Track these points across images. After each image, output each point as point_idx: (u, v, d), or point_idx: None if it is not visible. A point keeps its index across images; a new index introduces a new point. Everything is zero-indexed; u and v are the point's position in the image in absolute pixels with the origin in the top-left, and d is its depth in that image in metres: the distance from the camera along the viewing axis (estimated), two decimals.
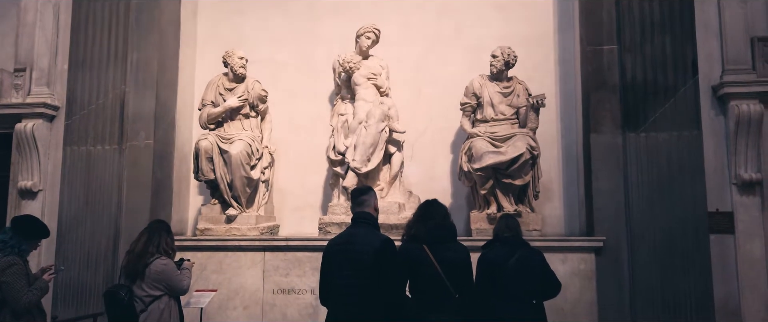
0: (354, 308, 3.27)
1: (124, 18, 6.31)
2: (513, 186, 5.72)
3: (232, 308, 5.80)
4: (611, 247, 5.52)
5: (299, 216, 6.63)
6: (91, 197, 6.06)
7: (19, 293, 3.89)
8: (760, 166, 5.68)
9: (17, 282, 3.90)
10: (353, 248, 3.37)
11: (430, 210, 3.62)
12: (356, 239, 3.43)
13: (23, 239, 4.07)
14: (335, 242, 3.56)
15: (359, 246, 3.36)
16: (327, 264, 3.50)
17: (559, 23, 6.65)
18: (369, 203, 3.60)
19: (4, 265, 3.91)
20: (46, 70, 6.64)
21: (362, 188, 3.82)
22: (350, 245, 3.40)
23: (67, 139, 6.24)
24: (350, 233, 3.52)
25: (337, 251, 3.46)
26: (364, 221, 3.52)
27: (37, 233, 4.21)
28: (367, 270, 3.27)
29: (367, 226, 3.51)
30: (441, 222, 3.57)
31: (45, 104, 6.48)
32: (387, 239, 3.42)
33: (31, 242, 4.16)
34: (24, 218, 4.38)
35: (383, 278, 3.27)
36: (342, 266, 3.38)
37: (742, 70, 5.78)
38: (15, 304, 3.90)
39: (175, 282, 4.10)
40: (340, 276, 3.38)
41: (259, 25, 7.06)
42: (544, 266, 3.85)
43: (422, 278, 3.45)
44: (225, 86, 6.22)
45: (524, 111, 5.86)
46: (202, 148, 5.93)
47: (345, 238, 3.52)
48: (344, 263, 3.38)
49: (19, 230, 4.09)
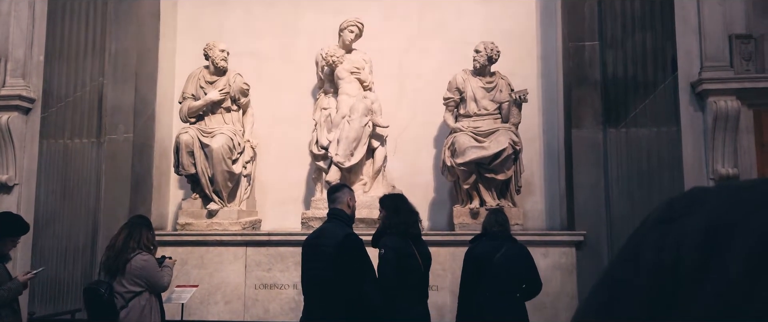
0: (319, 302, 3.35)
1: (102, 8, 6.19)
2: (495, 181, 5.75)
3: (214, 303, 5.75)
4: (592, 241, 5.59)
5: (282, 211, 6.59)
6: (69, 192, 5.96)
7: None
8: (736, 161, 5.78)
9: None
10: (321, 242, 3.47)
11: (406, 204, 3.78)
12: (325, 233, 3.52)
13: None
14: (309, 236, 3.69)
15: (326, 240, 3.45)
16: (302, 258, 3.63)
17: (541, 19, 6.68)
18: (341, 200, 3.65)
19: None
20: (21, 62, 6.46)
21: (336, 185, 3.93)
22: (319, 240, 3.51)
23: (44, 133, 6.11)
24: (322, 228, 3.65)
25: (307, 245, 3.59)
26: (335, 216, 3.58)
27: (11, 229, 4.05)
28: (330, 264, 3.32)
29: (336, 221, 3.56)
30: (417, 217, 3.77)
31: (20, 96, 6.31)
32: (349, 233, 3.49)
33: (5, 239, 4.01)
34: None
35: (344, 272, 3.31)
36: (311, 260, 3.50)
37: (721, 67, 5.86)
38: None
39: (156, 279, 4.05)
40: (310, 269, 3.50)
41: (240, 18, 6.98)
42: (529, 262, 3.88)
43: (410, 272, 3.58)
44: (206, 79, 6.14)
45: (507, 106, 5.89)
46: (183, 142, 5.86)
47: (317, 233, 3.65)
48: (313, 257, 3.49)
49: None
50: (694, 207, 0.61)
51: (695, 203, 0.62)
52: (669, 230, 0.61)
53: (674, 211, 0.63)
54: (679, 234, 0.59)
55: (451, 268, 5.52)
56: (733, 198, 0.60)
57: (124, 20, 6.20)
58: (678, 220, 0.61)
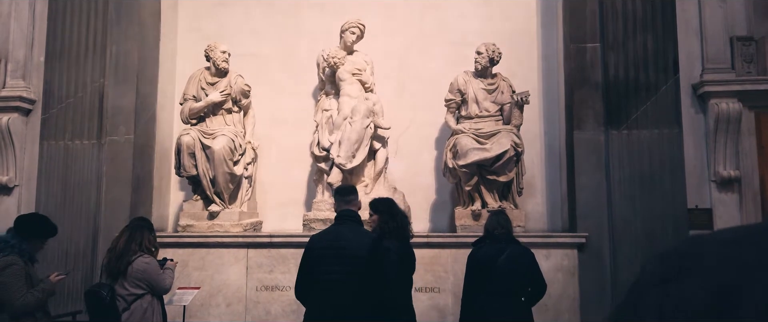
0: (341, 306, 3.27)
1: (103, 9, 6.17)
2: (497, 183, 5.75)
3: (215, 305, 5.74)
4: (594, 243, 5.59)
5: (282, 212, 6.58)
6: (69, 193, 5.94)
7: (14, 295, 3.68)
8: (738, 163, 5.79)
9: (14, 283, 3.69)
10: (342, 246, 3.38)
11: (398, 207, 3.80)
12: (345, 236, 3.43)
13: (24, 239, 3.87)
14: (320, 238, 3.56)
15: (349, 243, 3.37)
16: (311, 261, 3.48)
17: (542, 20, 6.68)
18: (355, 202, 3.64)
19: (3, 265, 3.71)
20: (21, 63, 6.45)
21: (349, 186, 3.84)
22: (339, 243, 3.40)
23: (44, 134, 6.09)
24: (337, 231, 3.52)
25: (323, 248, 3.45)
26: (350, 218, 3.52)
27: (39, 232, 4.01)
28: (358, 268, 3.28)
29: (353, 223, 3.52)
30: (409, 220, 3.82)
31: (21, 98, 6.30)
32: (376, 238, 3.44)
33: (34, 241, 3.96)
34: (27, 216, 4.20)
35: (375, 276, 3.31)
36: (330, 264, 3.38)
37: (722, 69, 5.86)
38: (9, 306, 3.70)
39: (158, 281, 4.04)
40: (327, 273, 3.37)
41: (241, 19, 6.97)
42: (533, 265, 3.87)
43: (409, 273, 3.61)
44: (207, 80, 6.13)
45: (508, 108, 5.88)
46: (185, 144, 5.84)
47: (332, 235, 3.52)
48: (332, 260, 3.37)
49: (20, 230, 3.90)
50: (690, 266, 0.60)
51: (689, 261, 0.61)
52: (668, 292, 0.59)
53: (668, 269, 0.62)
54: (682, 298, 0.58)
55: (453, 270, 5.52)
56: (731, 257, 0.59)
57: (124, 21, 6.18)
58: (675, 280, 0.60)
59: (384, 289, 3.35)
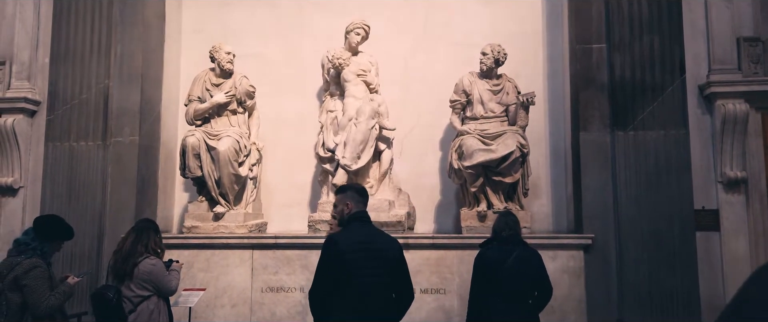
0: (376, 306, 3.20)
1: (108, 10, 6.17)
2: (503, 184, 5.73)
3: (220, 306, 5.73)
4: (600, 244, 5.56)
5: (287, 213, 6.57)
6: (74, 195, 5.94)
7: (39, 298, 3.67)
8: (744, 164, 5.76)
9: (39, 286, 3.68)
10: (376, 247, 3.28)
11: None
12: (378, 238, 3.36)
13: (45, 241, 3.85)
14: (349, 238, 3.30)
15: (381, 244, 3.32)
16: (341, 263, 3.23)
17: (547, 21, 6.66)
18: (367, 203, 3.59)
19: (28, 267, 3.69)
20: (26, 64, 6.44)
21: (362, 187, 3.75)
22: (371, 244, 3.29)
23: (49, 135, 6.09)
24: (368, 232, 3.38)
25: (358, 249, 3.25)
26: (368, 219, 3.46)
27: (59, 233, 3.99)
28: (390, 269, 3.28)
29: (371, 224, 3.46)
30: None
31: (26, 99, 6.29)
32: (396, 238, 3.47)
33: (54, 243, 3.95)
34: (46, 218, 4.17)
35: (404, 276, 3.36)
36: (364, 265, 3.22)
37: (728, 70, 5.83)
38: (35, 309, 3.68)
39: (164, 283, 4.03)
40: (362, 275, 3.20)
41: (246, 19, 6.96)
42: (540, 268, 3.84)
43: None
44: (212, 81, 6.12)
45: (514, 109, 5.86)
46: (190, 145, 5.84)
47: (363, 235, 3.33)
48: (366, 261, 3.22)
49: (40, 231, 3.87)
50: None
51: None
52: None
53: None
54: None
55: (459, 271, 5.50)
56: None
57: (129, 22, 6.18)
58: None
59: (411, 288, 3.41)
